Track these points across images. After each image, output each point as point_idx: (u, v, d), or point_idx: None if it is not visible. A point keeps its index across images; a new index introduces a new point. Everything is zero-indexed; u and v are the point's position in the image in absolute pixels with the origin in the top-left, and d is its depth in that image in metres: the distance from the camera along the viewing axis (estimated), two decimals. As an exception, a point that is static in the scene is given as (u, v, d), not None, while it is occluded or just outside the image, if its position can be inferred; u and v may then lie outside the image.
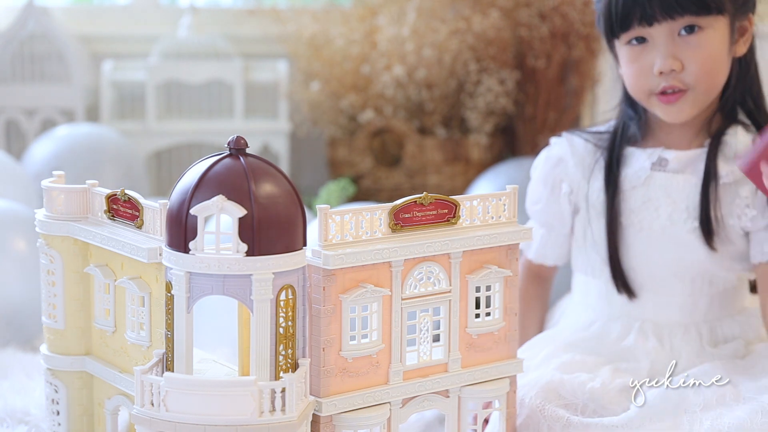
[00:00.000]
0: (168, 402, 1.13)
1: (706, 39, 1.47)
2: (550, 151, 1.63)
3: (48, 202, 1.39)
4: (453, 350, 1.32)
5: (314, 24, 2.92)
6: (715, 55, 1.48)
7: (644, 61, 1.50)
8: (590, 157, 1.59)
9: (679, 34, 1.47)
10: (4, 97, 2.97)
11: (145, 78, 2.99)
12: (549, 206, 1.61)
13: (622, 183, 1.55)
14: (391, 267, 1.26)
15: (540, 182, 1.62)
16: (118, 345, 1.34)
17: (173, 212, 1.16)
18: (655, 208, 1.53)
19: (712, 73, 1.49)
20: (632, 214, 1.54)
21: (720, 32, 1.48)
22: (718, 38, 1.48)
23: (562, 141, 1.63)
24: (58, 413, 1.40)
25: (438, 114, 2.88)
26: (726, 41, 1.49)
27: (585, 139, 1.61)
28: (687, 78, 1.48)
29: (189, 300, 1.15)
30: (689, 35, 1.47)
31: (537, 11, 2.82)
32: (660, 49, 1.48)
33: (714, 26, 1.47)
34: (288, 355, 1.17)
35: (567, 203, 1.60)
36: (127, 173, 2.68)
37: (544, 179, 1.62)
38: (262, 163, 1.16)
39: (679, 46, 1.47)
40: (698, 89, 1.49)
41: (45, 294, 1.40)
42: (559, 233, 1.63)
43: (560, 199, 1.60)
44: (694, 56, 1.47)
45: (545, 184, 1.61)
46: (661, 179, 1.53)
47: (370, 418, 1.25)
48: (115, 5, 3.32)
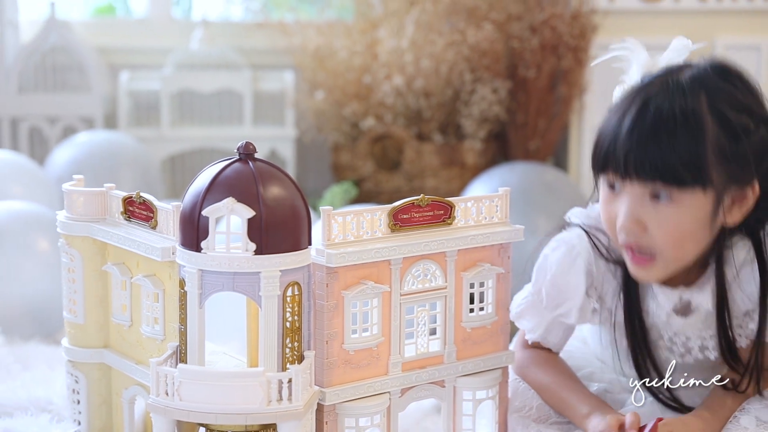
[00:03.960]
0: (181, 392, 1.13)
1: (678, 211, 1.25)
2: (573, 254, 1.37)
3: (68, 204, 1.39)
4: (449, 343, 1.32)
5: (319, 37, 2.92)
6: (685, 227, 1.26)
7: (612, 210, 1.29)
8: (611, 273, 1.37)
9: (650, 197, 1.25)
10: (28, 106, 2.97)
11: (159, 87, 2.99)
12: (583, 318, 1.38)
13: (646, 312, 1.36)
14: (391, 265, 1.26)
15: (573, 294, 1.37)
16: (134, 338, 1.34)
17: (186, 213, 1.16)
18: (684, 341, 1.36)
19: (679, 244, 1.27)
20: (660, 336, 1.37)
21: (698, 207, 1.25)
22: (693, 212, 1.25)
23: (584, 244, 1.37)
24: (78, 402, 1.40)
25: (435, 121, 2.88)
26: (705, 215, 1.26)
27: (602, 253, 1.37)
28: (652, 243, 1.27)
29: (201, 296, 1.15)
30: (659, 202, 1.25)
31: (528, 24, 2.82)
32: (626, 205, 1.26)
33: (691, 200, 1.24)
34: (294, 348, 1.17)
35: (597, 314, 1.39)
36: (142, 177, 2.68)
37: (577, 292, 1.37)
38: (269, 167, 1.16)
39: (646, 210, 1.25)
40: (666, 257, 1.28)
41: (66, 290, 1.40)
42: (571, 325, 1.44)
43: (591, 311, 1.38)
44: (661, 225, 1.25)
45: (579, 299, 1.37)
46: (685, 322, 1.35)
47: (370, 407, 1.25)
48: (132, 19, 3.32)
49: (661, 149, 1.23)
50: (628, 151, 1.25)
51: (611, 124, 1.28)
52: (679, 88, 1.26)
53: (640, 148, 1.24)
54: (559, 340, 1.44)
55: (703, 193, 1.25)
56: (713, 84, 1.27)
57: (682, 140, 1.23)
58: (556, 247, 1.39)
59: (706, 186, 1.24)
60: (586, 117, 2.94)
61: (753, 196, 1.29)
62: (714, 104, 1.25)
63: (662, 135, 1.24)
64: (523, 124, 2.89)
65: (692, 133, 1.23)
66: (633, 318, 1.37)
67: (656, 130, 1.24)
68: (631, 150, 1.25)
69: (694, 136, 1.23)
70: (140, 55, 3.14)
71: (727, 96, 1.27)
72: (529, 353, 1.46)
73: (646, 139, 1.24)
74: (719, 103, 1.25)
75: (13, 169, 2.38)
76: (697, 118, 1.24)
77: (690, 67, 1.30)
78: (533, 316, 1.43)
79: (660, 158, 1.23)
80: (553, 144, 2.94)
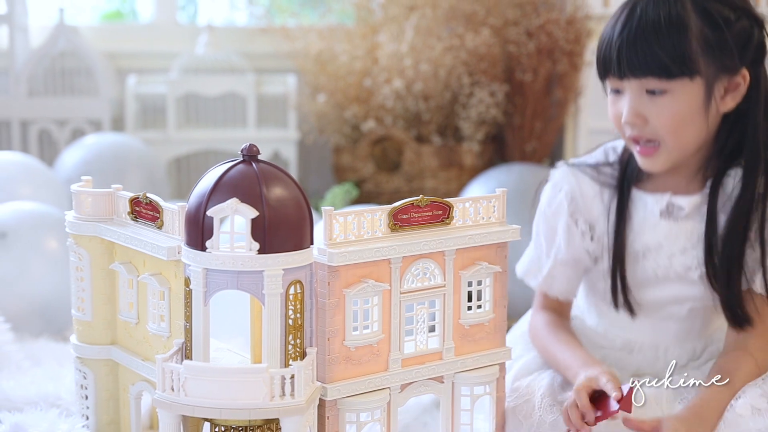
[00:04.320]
0: (187, 387, 1.13)
1: (672, 101, 1.36)
2: (561, 189, 1.50)
3: (77, 204, 1.39)
4: (447, 340, 1.32)
5: (320, 41, 2.92)
6: (680, 114, 1.37)
7: (617, 109, 1.41)
8: (598, 198, 1.48)
9: (647, 92, 1.37)
10: (38, 109, 2.97)
11: (165, 91, 2.99)
12: (578, 245, 1.49)
13: (631, 227, 1.46)
14: (391, 264, 1.26)
15: (565, 222, 1.49)
16: (140, 335, 1.34)
17: (191, 214, 1.16)
18: (667, 256, 1.44)
19: (678, 131, 1.38)
20: (642, 257, 1.46)
21: (689, 95, 1.36)
22: (685, 100, 1.36)
23: (568, 177, 1.50)
24: (86, 398, 1.40)
25: (434, 123, 2.88)
26: (698, 102, 1.37)
27: (589, 176, 1.49)
28: (654, 132, 1.39)
29: (206, 294, 1.16)
30: (655, 95, 1.37)
31: (524, 29, 2.82)
32: (627, 102, 1.39)
33: (681, 89, 1.36)
34: (296, 345, 1.17)
35: (589, 240, 1.49)
36: (149, 178, 2.68)
37: (567, 219, 1.49)
38: (272, 168, 1.16)
39: (644, 103, 1.38)
40: (669, 145, 1.39)
41: (74, 289, 1.40)
42: (581, 268, 1.51)
43: (580, 235, 1.49)
44: (658, 115, 1.37)
45: (569, 224, 1.49)
46: (671, 227, 1.44)
47: (371, 402, 1.25)
48: (139, 24, 3.32)
49: (649, 46, 1.35)
50: (620, 52, 1.36)
51: (606, 33, 1.40)
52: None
53: (630, 48, 1.36)
54: (565, 287, 1.51)
55: (691, 81, 1.36)
56: None
57: (667, 35, 1.34)
58: (544, 188, 1.53)
59: (693, 75, 1.35)
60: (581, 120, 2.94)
61: (744, 84, 1.39)
62: (697, 1, 1.36)
63: (649, 33, 1.35)
64: (519, 126, 2.89)
65: (676, 27, 1.34)
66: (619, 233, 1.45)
67: (644, 29, 1.35)
68: (622, 51, 1.36)
69: (678, 30, 1.34)
70: (147, 59, 3.14)
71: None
72: (539, 318, 1.53)
73: (635, 38, 1.35)
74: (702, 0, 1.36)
75: (22, 170, 2.39)
76: (680, 12, 1.35)
77: None
78: (537, 268, 1.52)
79: (649, 54, 1.35)
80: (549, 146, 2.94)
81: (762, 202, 1.40)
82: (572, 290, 1.53)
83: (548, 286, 1.52)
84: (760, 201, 1.40)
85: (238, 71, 3.02)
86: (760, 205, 1.40)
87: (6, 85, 2.98)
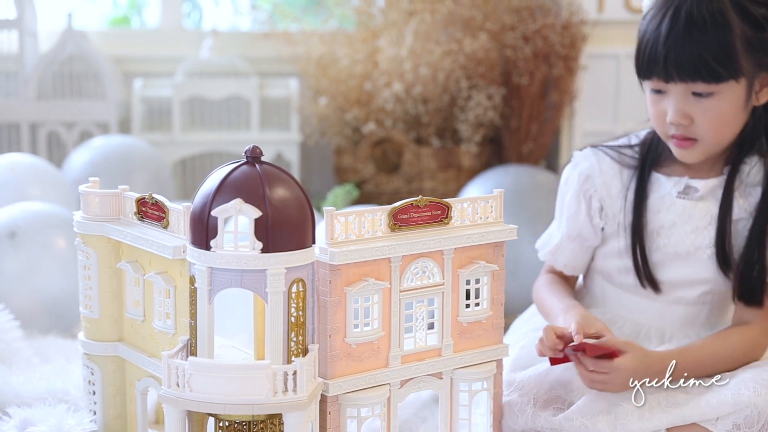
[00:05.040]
0: (192, 383, 1.12)
1: (718, 102, 1.38)
2: (577, 167, 1.53)
3: (85, 205, 1.39)
4: (446, 337, 1.32)
5: (322, 46, 2.91)
6: (725, 114, 1.39)
7: (660, 108, 1.41)
8: (617, 177, 1.50)
9: (692, 94, 1.38)
10: (46, 112, 2.97)
11: (171, 94, 2.99)
12: (583, 221, 1.51)
13: (648, 206, 1.48)
14: (391, 262, 1.26)
15: (573, 198, 1.52)
16: (146, 332, 1.34)
17: (196, 214, 1.15)
18: (679, 234, 1.46)
19: (720, 129, 1.41)
20: (656, 235, 1.48)
21: (734, 95, 1.38)
22: (730, 100, 1.38)
23: (588, 156, 1.52)
24: (94, 393, 1.40)
25: (433, 126, 2.88)
26: (741, 100, 1.39)
27: (611, 156, 1.51)
28: (696, 131, 1.40)
29: (210, 292, 1.15)
30: (701, 97, 1.38)
31: (521, 34, 2.82)
32: (673, 104, 1.39)
33: (727, 91, 1.38)
34: (299, 342, 1.17)
35: (598, 218, 1.51)
36: (155, 179, 2.68)
37: (576, 195, 1.52)
38: (275, 169, 1.16)
39: (690, 104, 1.39)
40: (708, 141, 1.41)
41: (82, 287, 1.40)
42: (591, 246, 1.54)
43: (592, 214, 1.51)
44: (704, 115, 1.39)
45: (578, 200, 1.52)
46: (684, 206, 1.46)
47: (372, 398, 1.25)
48: (145, 29, 3.32)
49: (696, 51, 1.35)
50: (667, 57, 1.37)
51: (649, 34, 1.39)
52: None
53: (677, 54, 1.36)
54: (569, 260, 1.54)
55: (737, 82, 1.37)
56: None
57: (712, 40, 1.35)
58: (565, 168, 1.55)
59: (738, 76, 1.37)
60: (576, 122, 2.94)
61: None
62: (736, 1, 1.36)
63: (695, 38, 1.35)
64: (516, 128, 2.89)
65: (721, 31, 1.35)
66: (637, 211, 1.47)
67: (690, 33, 1.35)
68: (669, 56, 1.37)
69: (723, 33, 1.35)
70: (153, 63, 3.13)
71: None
72: (542, 278, 1.57)
73: (682, 44, 1.36)
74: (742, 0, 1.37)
75: (32, 171, 2.38)
76: (723, 16, 1.35)
77: None
78: (549, 241, 1.56)
79: (696, 59, 1.35)
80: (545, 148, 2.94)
81: None
82: (576, 265, 1.55)
83: (554, 258, 1.55)
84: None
85: (241, 75, 3.02)
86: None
87: (15, 89, 2.97)
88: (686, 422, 1.31)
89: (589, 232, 1.52)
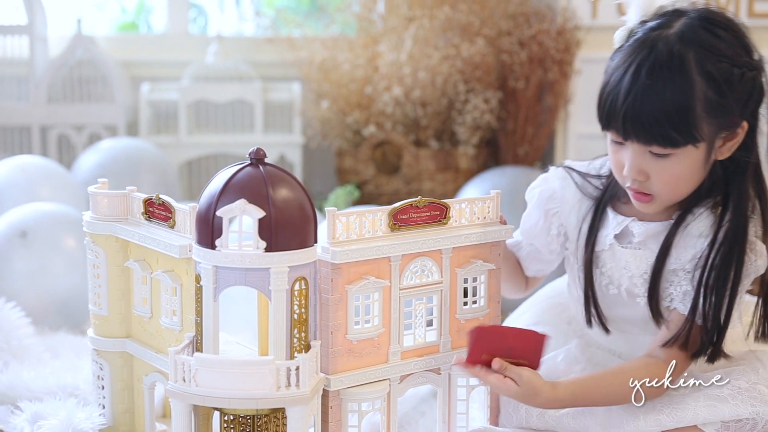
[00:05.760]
0: (198, 378, 1.12)
1: (675, 163, 1.29)
2: (546, 183, 1.48)
3: (94, 205, 1.39)
4: (444, 333, 1.32)
5: (324, 51, 2.91)
6: (682, 175, 1.30)
7: (619, 159, 1.33)
8: (576, 207, 1.44)
9: (650, 152, 1.29)
10: (57, 115, 2.97)
11: (177, 98, 2.99)
12: (540, 233, 1.47)
13: (597, 242, 1.42)
14: (390, 261, 1.26)
15: (534, 210, 1.48)
16: (154, 329, 1.34)
17: (202, 214, 1.16)
18: (618, 276, 1.40)
19: (677, 188, 1.32)
20: (602, 272, 1.42)
21: (692, 157, 1.29)
22: (688, 162, 1.29)
23: (558, 178, 1.47)
24: (103, 388, 1.40)
25: (431, 128, 2.88)
26: (700, 161, 1.30)
27: (577, 184, 1.45)
28: (652, 188, 1.32)
29: (215, 290, 1.15)
30: (659, 156, 1.29)
31: (517, 39, 2.82)
32: (629, 159, 1.31)
33: (685, 153, 1.28)
34: (301, 338, 1.17)
35: (556, 240, 1.46)
36: (162, 180, 2.67)
37: (538, 207, 1.47)
38: (278, 171, 1.16)
39: (647, 162, 1.30)
40: (663, 197, 1.33)
41: (91, 285, 1.40)
42: (543, 257, 1.49)
43: (551, 233, 1.46)
44: (660, 174, 1.30)
45: (537, 214, 1.47)
46: (621, 253, 1.39)
47: (372, 393, 1.25)
48: (152, 35, 3.31)
49: (654, 115, 1.26)
50: (625, 116, 1.27)
51: (611, 85, 1.31)
52: (668, 50, 1.26)
53: (635, 116, 1.27)
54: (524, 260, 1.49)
55: (696, 147, 1.28)
56: (700, 40, 1.27)
57: (672, 105, 1.25)
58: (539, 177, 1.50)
59: (697, 142, 1.27)
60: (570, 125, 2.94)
61: (742, 133, 1.31)
62: (701, 63, 1.26)
63: (654, 100, 1.25)
64: (512, 131, 2.88)
65: (682, 95, 1.25)
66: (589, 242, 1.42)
67: (649, 95, 1.26)
68: (627, 116, 1.27)
69: (685, 98, 1.25)
70: (160, 67, 3.13)
71: (713, 50, 1.27)
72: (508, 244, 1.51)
73: (641, 105, 1.26)
74: (706, 61, 1.26)
75: (42, 172, 2.38)
76: (686, 78, 1.25)
77: (680, 17, 1.31)
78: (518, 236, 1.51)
79: (654, 123, 1.26)
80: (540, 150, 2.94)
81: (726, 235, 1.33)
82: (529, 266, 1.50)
83: (517, 248, 1.50)
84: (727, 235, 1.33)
85: (245, 79, 3.02)
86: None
87: (26, 92, 2.97)
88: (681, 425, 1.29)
89: (543, 245, 1.47)
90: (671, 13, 1.32)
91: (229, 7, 3.44)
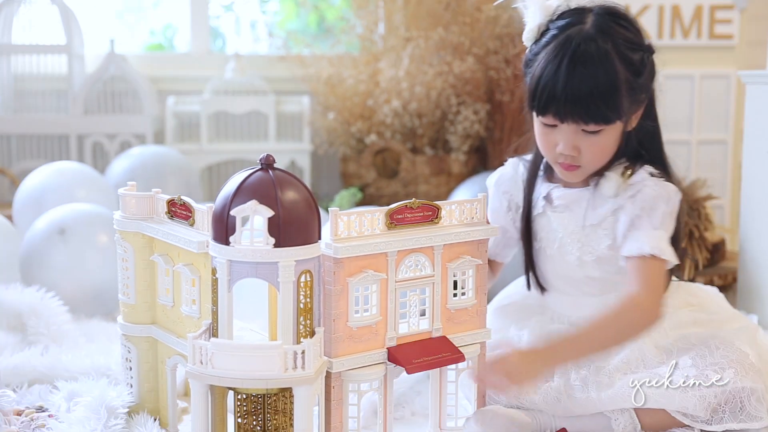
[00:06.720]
0: (214, 361, 1.12)
1: (603, 137, 1.35)
2: (503, 170, 1.53)
3: (123, 205, 1.39)
4: (436, 322, 1.32)
5: (330, 68, 2.91)
6: (607, 146, 1.37)
7: (551, 140, 1.38)
8: (521, 186, 1.49)
9: (583, 130, 1.35)
10: (92, 125, 2.97)
11: (199, 109, 2.99)
12: (500, 215, 1.50)
13: (533, 208, 1.47)
14: (387, 257, 1.25)
15: (493, 195, 1.52)
16: (176, 316, 1.34)
17: (217, 213, 1.15)
18: (550, 239, 1.44)
19: (602, 158, 1.39)
20: (537, 236, 1.46)
21: (615, 129, 1.36)
22: (612, 134, 1.36)
23: (511, 164, 1.53)
24: (131, 369, 1.40)
25: (426, 137, 2.87)
26: (619, 132, 1.37)
27: (524, 165, 1.50)
28: (581, 160, 1.37)
29: (230, 282, 1.15)
30: (590, 133, 1.35)
31: (503, 58, 2.81)
32: (564, 138, 1.35)
33: (612, 128, 1.35)
34: (307, 325, 1.17)
35: (512, 215, 1.50)
36: (185, 183, 2.67)
37: (495, 192, 1.51)
38: (286, 175, 1.16)
39: (580, 138, 1.35)
40: (590, 167, 1.39)
41: (121, 277, 1.40)
42: (509, 237, 1.51)
43: (506, 211, 1.50)
44: (591, 148, 1.36)
45: (497, 197, 1.51)
46: (550, 217, 1.44)
47: (370, 374, 1.25)
48: (177, 53, 3.31)
49: (590, 97, 1.31)
50: (566, 101, 1.32)
51: (546, 77, 1.33)
52: (593, 42, 1.32)
53: (575, 99, 1.31)
54: (494, 247, 1.50)
55: (621, 122, 1.36)
56: (614, 32, 1.34)
57: (605, 88, 1.31)
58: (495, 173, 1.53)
59: (622, 117, 1.35)
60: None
61: (643, 106, 1.39)
62: (618, 50, 1.33)
63: (589, 84, 1.30)
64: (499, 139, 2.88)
65: (610, 80, 1.31)
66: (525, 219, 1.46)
67: (584, 80, 1.30)
68: (567, 102, 1.32)
69: (613, 82, 1.31)
70: (184, 83, 3.13)
71: (624, 39, 1.34)
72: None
73: (578, 92, 1.31)
74: (621, 47, 1.33)
75: (79, 176, 2.38)
76: (612, 67, 1.31)
77: (588, 13, 1.36)
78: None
79: (590, 104, 1.31)
80: (524, 156, 2.93)
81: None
82: (498, 252, 1.51)
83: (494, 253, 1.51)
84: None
85: (260, 93, 3.02)
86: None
87: (65, 105, 2.98)
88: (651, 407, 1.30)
89: (509, 225, 1.50)
90: (578, 11, 1.37)
91: (246, 29, 3.44)
